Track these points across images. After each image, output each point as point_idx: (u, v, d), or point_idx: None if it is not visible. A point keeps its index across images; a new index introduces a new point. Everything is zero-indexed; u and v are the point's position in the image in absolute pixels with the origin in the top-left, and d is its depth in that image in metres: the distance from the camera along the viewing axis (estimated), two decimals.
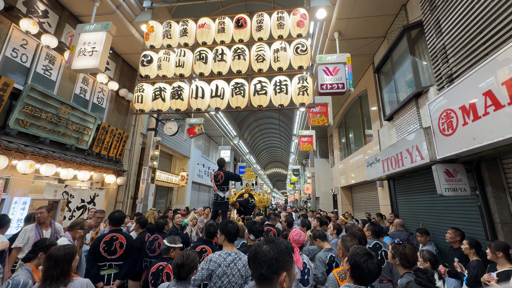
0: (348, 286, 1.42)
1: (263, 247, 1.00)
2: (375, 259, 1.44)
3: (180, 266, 1.69)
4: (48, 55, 5.28)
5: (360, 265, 1.39)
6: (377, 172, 5.57)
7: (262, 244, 1.02)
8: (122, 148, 7.24)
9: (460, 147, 2.89)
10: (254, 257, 0.99)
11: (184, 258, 1.72)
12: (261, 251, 0.98)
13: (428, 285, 1.34)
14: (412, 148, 4.01)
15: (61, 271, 1.57)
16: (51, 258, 1.59)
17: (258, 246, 1.02)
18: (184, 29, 4.69)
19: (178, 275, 1.69)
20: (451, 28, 3.43)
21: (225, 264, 1.89)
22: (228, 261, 1.91)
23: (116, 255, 2.75)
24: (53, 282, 1.53)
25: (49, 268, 1.57)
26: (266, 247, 0.99)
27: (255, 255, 0.99)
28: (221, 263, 1.90)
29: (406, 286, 1.41)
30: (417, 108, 4.48)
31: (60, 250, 1.63)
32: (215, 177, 4.72)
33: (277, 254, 0.96)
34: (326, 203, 12.91)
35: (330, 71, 4.97)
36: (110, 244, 2.74)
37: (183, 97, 4.41)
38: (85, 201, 5.98)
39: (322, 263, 2.51)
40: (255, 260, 0.98)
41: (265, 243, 1.02)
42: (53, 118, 5.08)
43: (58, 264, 1.58)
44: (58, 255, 1.60)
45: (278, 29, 4.41)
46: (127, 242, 2.84)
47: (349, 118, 10.14)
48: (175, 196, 12.27)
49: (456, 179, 3.35)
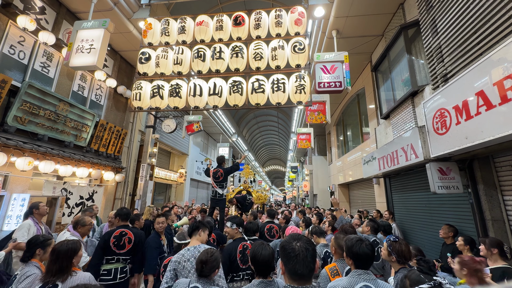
0: (356, 272, 1.54)
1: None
2: (366, 242, 1.60)
3: (204, 263, 1.65)
4: (45, 52, 5.27)
5: (353, 247, 1.57)
6: (373, 170, 5.63)
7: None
8: (120, 145, 7.25)
9: (453, 146, 2.94)
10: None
11: (209, 255, 1.69)
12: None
13: (428, 273, 1.45)
14: (407, 146, 4.06)
15: (60, 266, 1.61)
16: (53, 252, 1.64)
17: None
18: (182, 26, 4.69)
19: (201, 271, 1.66)
20: (447, 28, 3.46)
21: (184, 260, 1.97)
22: (186, 256, 1.99)
23: (124, 249, 2.84)
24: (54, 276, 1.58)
25: (50, 262, 1.62)
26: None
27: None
28: (179, 260, 1.99)
29: (408, 274, 1.50)
30: (413, 107, 4.53)
31: (63, 245, 1.67)
32: (214, 174, 4.77)
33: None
34: (324, 200, 13.01)
35: (328, 69, 4.99)
36: (120, 239, 2.83)
37: (181, 95, 4.43)
38: (83, 198, 6.01)
39: (318, 257, 2.57)
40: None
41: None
42: (51, 115, 5.09)
43: (59, 259, 1.62)
44: (60, 250, 1.64)
45: (276, 27, 4.43)
46: (135, 238, 2.94)
47: (347, 116, 10.19)
48: (173, 193, 12.32)
49: (449, 177, 3.41)
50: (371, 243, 1.61)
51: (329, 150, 13.02)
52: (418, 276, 1.41)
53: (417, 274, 1.45)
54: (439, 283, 1.30)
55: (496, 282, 2.09)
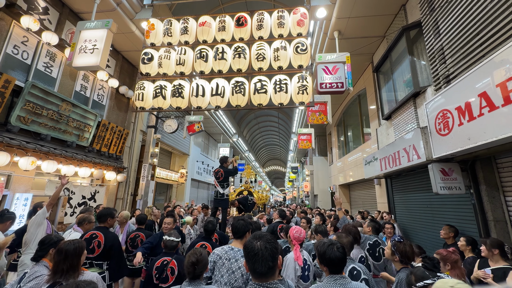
0: (332, 277, 1.51)
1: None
2: (336, 245, 1.55)
3: (195, 264, 1.65)
4: (48, 52, 5.29)
5: (325, 253, 1.52)
6: (375, 171, 5.64)
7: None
8: (122, 145, 7.27)
9: (456, 147, 2.95)
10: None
11: (198, 255, 1.69)
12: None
13: (433, 270, 1.51)
14: (409, 147, 4.07)
15: (70, 265, 1.60)
16: (61, 252, 1.62)
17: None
18: (185, 27, 4.71)
19: (193, 273, 1.65)
20: (449, 30, 3.47)
21: (226, 257, 1.94)
22: (229, 255, 1.95)
23: (94, 254, 2.63)
24: (63, 276, 1.57)
25: (59, 262, 1.60)
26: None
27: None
28: (222, 255, 1.96)
29: (413, 271, 1.54)
30: (415, 108, 4.54)
31: (70, 245, 1.66)
32: (215, 173, 4.82)
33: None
34: (324, 201, 13.02)
35: (330, 70, 5.01)
36: (89, 242, 2.62)
37: (183, 95, 4.44)
38: (86, 198, 6.03)
39: None
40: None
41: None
42: (54, 115, 5.11)
43: (68, 258, 1.61)
44: (68, 249, 1.63)
45: (279, 28, 4.44)
46: (106, 242, 2.68)
47: (348, 117, 10.20)
48: (174, 193, 12.33)
49: (452, 178, 3.42)
50: (342, 245, 1.56)
51: (330, 150, 13.03)
52: (423, 273, 1.46)
53: (422, 270, 1.50)
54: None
55: (498, 283, 2.11)
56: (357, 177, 8.21)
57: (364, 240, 2.97)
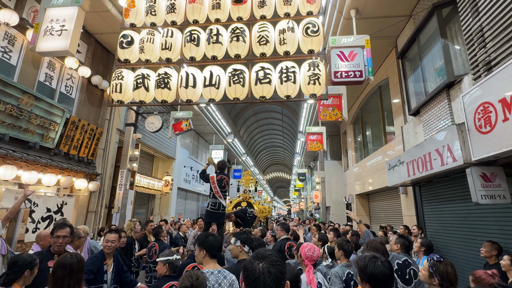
0: None
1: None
2: (381, 259, 1.54)
3: None
4: (7, 35, 5.27)
5: (367, 267, 1.50)
6: (400, 177, 5.65)
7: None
8: (95, 146, 7.25)
9: (500, 147, 2.96)
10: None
11: (193, 279, 1.70)
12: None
13: None
14: (442, 148, 4.08)
15: (76, 279, 1.78)
16: (65, 267, 1.77)
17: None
18: (172, 4, 4.70)
19: None
20: (491, 7, 3.49)
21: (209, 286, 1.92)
22: (211, 282, 1.94)
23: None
24: None
25: (63, 277, 1.75)
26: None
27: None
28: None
29: None
30: (449, 101, 4.56)
31: (72, 258, 1.82)
32: (219, 181, 4.76)
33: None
34: (338, 214, 13.03)
35: (346, 56, 5.01)
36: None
37: (170, 86, 4.43)
38: (51, 211, 5.99)
39: (339, 279, 2.56)
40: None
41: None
42: (13, 111, 5.08)
43: (74, 273, 1.78)
44: (72, 263, 1.79)
45: (285, 6, 4.44)
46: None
47: (367, 113, 10.23)
48: (157, 205, 12.30)
49: (495, 184, 3.42)
50: (387, 259, 1.56)
51: (345, 153, 13.05)
52: None
53: None
54: None
55: None
56: (378, 185, 8.22)
57: (391, 259, 2.96)
